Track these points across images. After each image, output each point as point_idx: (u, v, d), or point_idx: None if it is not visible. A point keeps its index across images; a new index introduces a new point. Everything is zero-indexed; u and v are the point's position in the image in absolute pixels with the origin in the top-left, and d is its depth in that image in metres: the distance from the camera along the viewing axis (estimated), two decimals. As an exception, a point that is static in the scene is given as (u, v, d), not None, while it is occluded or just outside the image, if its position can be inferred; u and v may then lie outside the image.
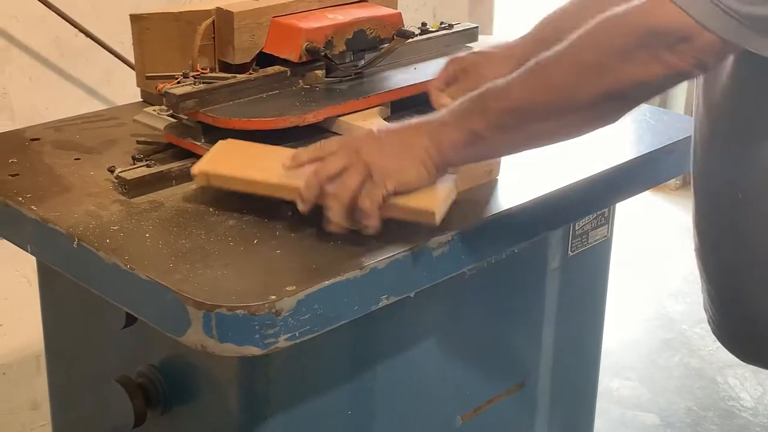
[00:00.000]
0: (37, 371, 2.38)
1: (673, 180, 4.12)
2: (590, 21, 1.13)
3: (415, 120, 1.25)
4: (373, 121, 1.47)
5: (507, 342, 1.62)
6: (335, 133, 1.47)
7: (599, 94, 1.13)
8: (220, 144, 1.36)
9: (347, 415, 1.39)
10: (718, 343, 1.54)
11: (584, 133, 1.21)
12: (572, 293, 1.70)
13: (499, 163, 1.41)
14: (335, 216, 1.20)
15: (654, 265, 3.64)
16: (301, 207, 1.22)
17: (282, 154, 1.29)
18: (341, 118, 1.47)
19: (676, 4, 1.07)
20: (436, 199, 1.23)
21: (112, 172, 1.39)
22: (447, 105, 1.27)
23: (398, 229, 1.27)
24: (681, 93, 4.17)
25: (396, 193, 1.20)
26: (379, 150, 1.21)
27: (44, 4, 2.14)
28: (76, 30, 2.21)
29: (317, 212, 1.32)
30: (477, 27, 1.82)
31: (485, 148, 1.23)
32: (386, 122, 1.47)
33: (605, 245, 1.74)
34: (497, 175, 1.42)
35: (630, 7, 1.11)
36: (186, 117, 1.43)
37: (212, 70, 1.51)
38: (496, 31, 3.35)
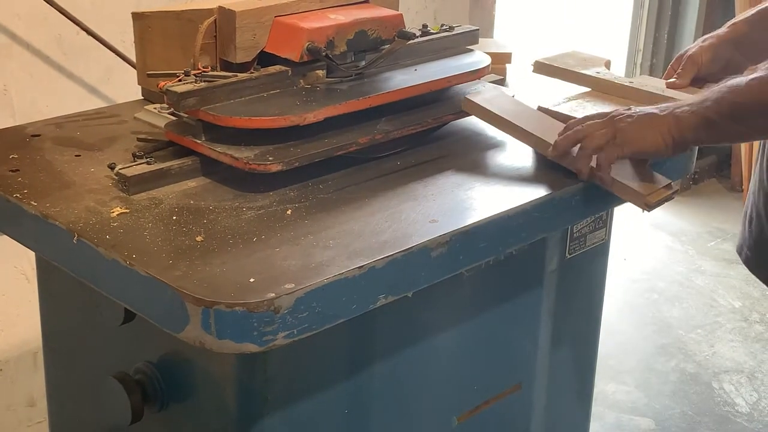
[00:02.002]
0: (34, 368, 2.38)
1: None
2: None
3: (667, 104, 1.48)
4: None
5: (504, 343, 1.62)
6: (340, 134, 1.47)
7: None
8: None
9: (344, 414, 1.40)
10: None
11: None
12: (569, 296, 1.70)
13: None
14: (580, 163, 1.44)
15: (650, 270, 3.64)
16: (551, 152, 1.47)
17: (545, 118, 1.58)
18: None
19: None
20: (652, 188, 1.45)
21: (112, 168, 1.40)
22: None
23: (400, 227, 1.27)
24: (680, 99, 4.18)
25: (632, 158, 1.46)
26: (629, 122, 1.45)
27: (46, 2, 2.15)
28: (78, 28, 2.21)
29: (316, 212, 1.32)
30: (478, 29, 1.82)
31: (716, 134, 1.45)
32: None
33: (603, 248, 1.75)
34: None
35: None
36: (187, 115, 1.43)
37: (213, 68, 1.52)
38: (496, 34, 3.36)
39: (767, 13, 1.68)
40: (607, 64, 1.87)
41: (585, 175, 1.44)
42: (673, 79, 1.72)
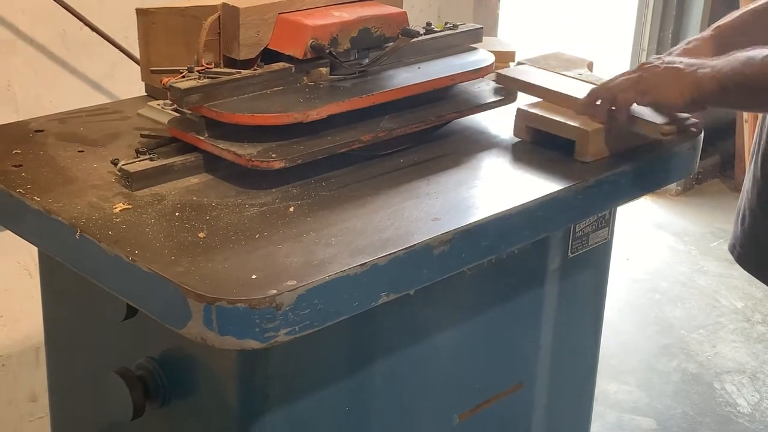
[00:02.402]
0: (36, 363, 2.38)
1: (674, 185, 4.13)
2: None
3: (696, 60, 1.52)
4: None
5: (506, 342, 1.62)
6: (340, 131, 1.48)
7: None
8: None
9: (345, 411, 1.40)
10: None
11: None
12: (572, 295, 1.70)
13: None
14: (602, 102, 1.52)
15: (652, 270, 3.64)
16: (583, 99, 1.55)
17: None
18: None
19: None
20: (661, 118, 1.54)
21: (115, 164, 1.40)
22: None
23: (402, 224, 1.28)
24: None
25: (651, 105, 1.53)
26: (655, 74, 1.51)
27: (50, -2, 2.15)
28: (82, 24, 2.21)
29: (319, 209, 1.32)
30: (482, 28, 1.82)
31: (729, 99, 1.51)
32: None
33: (605, 248, 1.74)
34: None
35: None
36: (190, 111, 1.43)
37: (217, 65, 1.52)
38: (500, 33, 3.35)
39: (750, 18, 1.70)
40: (590, 66, 1.89)
41: (603, 118, 1.52)
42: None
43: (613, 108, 1.52)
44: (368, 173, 1.45)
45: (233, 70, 1.49)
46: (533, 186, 1.44)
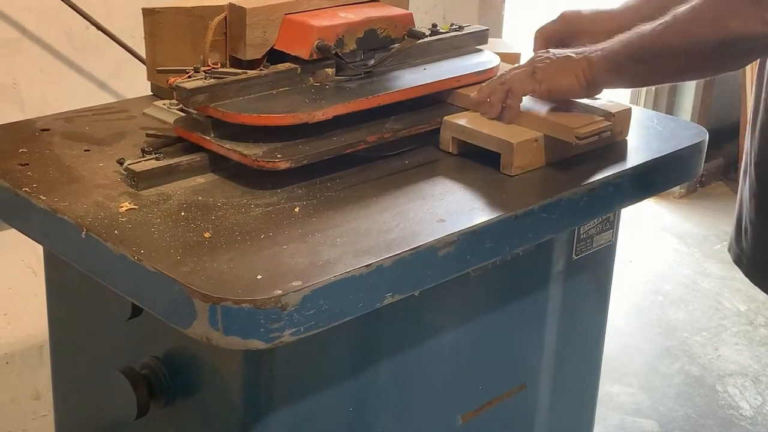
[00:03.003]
0: (39, 361, 2.39)
1: (677, 188, 4.13)
2: None
3: (586, 47, 1.52)
4: None
5: (509, 343, 1.62)
6: (351, 131, 1.48)
7: (710, 42, 1.37)
8: None
9: (349, 412, 1.40)
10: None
11: (706, 76, 1.62)
12: (576, 297, 1.70)
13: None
14: (494, 96, 1.51)
15: (656, 272, 3.64)
16: (475, 96, 1.55)
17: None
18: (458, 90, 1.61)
19: None
20: (578, 121, 1.48)
21: (121, 164, 1.40)
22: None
23: (407, 225, 1.28)
24: (688, 100, 4.17)
25: (549, 95, 1.51)
26: (548, 63, 1.51)
27: (57, -3, 2.15)
28: (88, 23, 2.21)
29: (324, 210, 1.33)
30: (487, 29, 1.82)
31: (625, 76, 1.51)
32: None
33: (609, 250, 1.75)
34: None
35: None
36: (196, 111, 1.43)
37: (223, 65, 1.52)
38: (505, 34, 3.36)
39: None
40: (517, 58, 1.96)
41: (495, 110, 1.51)
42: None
43: (508, 101, 1.51)
44: (373, 174, 1.45)
45: (239, 71, 1.49)
46: (538, 188, 1.44)
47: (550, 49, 1.56)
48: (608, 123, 1.52)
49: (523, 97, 1.53)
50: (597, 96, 1.60)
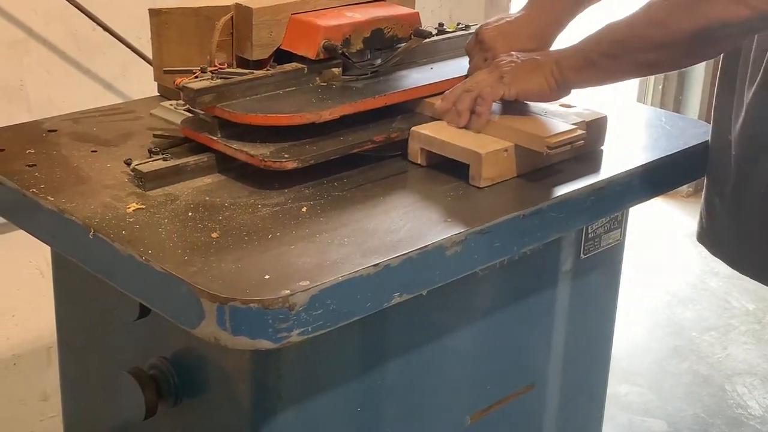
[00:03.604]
0: (47, 362, 2.39)
1: (685, 187, 4.11)
2: None
3: (547, 51, 1.51)
4: None
5: (517, 343, 1.62)
6: (353, 132, 1.48)
7: (688, 30, 1.31)
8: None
9: (357, 412, 1.40)
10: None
11: (682, 67, 1.46)
12: (584, 296, 1.70)
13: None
14: (462, 103, 1.45)
15: (664, 271, 3.63)
16: (440, 105, 1.48)
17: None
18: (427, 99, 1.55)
19: None
20: (548, 130, 1.42)
21: (128, 164, 1.40)
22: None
23: (415, 225, 1.27)
24: (695, 98, 4.16)
25: (518, 97, 1.45)
26: (514, 66, 1.46)
27: (63, -2, 2.16)
28: (94, 24, 2.22)
29: (331, 210, 1.32)
30: (494, 28, 1.81)
31: (598, 73, 1.44)
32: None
33: (617, 249, 1.74)
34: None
35: None
36: (203, 112, 1.44)
37: (230, 65, 1.52)
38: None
39: None
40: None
41: (464, 118, 1.45)
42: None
43: (477, 108, 1.45)
44: (380, 174, 1.45)
45: (246, 71, 1.49)
46: (545, 187, 1.43)
47: (513, 52, 1.51)
48: (581, 132, 1.45)
49: (494, 105, 1.47)
50: (573, 104, 1.55)
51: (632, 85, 4.15)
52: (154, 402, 1.38)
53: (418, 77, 1.61)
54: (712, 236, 1.61)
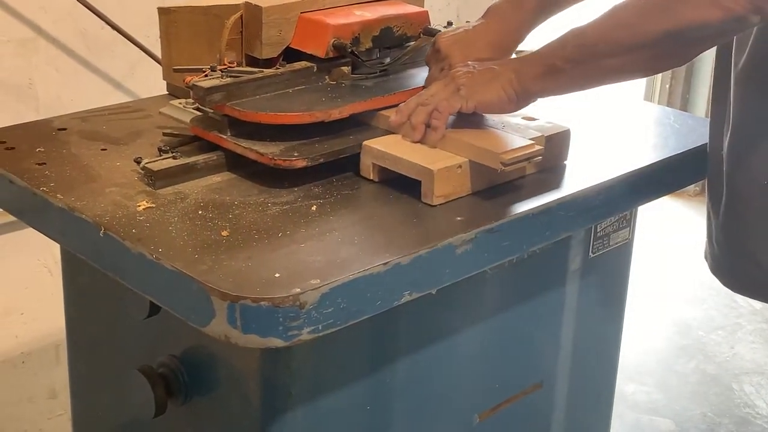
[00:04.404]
0: (56, 360, 2.40)
1: (692, 186, 4.11)
2: None
3: (506, 59, 1.43)
4: None
5: (526, 342, 1.62)
6: (368, 128, 1.48)
7: (660, 33, 1.25)
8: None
9: (366, 410, 1.40)
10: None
11: (651, 73, 1.39)
12: (592, 295, 1.70)
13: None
14: (417, 117, 1.38)
15: (671, 271, 3.63)
16: (394, 118, 1.41)
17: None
18: (382, 112, 1.49)
19: None
20: (504, 146, 1.35)
21: (138, 162, 1.40)
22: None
23: (425, 223, 1.27)
24: (703, 97, 4.16)
25: (476, 109, 1.38)
26: (471, 77, 1.39)
27: (72, -4, 2.16)
28: (103, 23, 2.22)
29: (341, 208, 1.33)
30: (502, 27, 1.81)
31: (561, 81, 1.36)
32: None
33: (626, 248, 1.74)
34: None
35: None
36: (212, 110, 1.44)
37: (239, 64, 1.52)
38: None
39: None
40: None
41: (419, 132, 1.38)
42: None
43: (433, 121, 1.38)
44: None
45: (255, 69, 1.49)
46: (554, 186, 1.43)
47: (470, 62, 1.43)
48: (539, 147, 1.38)
49: (451, 118, 1.41)
50: (536, 117, 1.49)
51: (639, 84, 4.14)
52: (163, 400, 1.38)
53: (426, 76, 1.61)
54: (711, 257, 1.55)
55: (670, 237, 3.89)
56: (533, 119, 1.50)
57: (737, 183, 1.43)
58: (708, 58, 3.89)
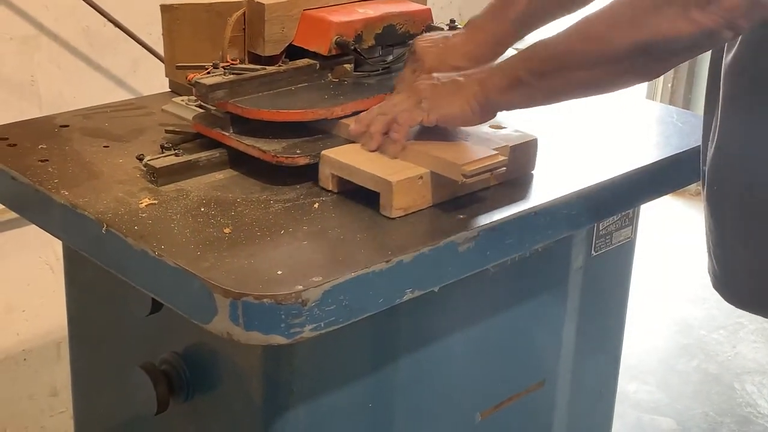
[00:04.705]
0: (57, 358, 2.40)
1: (694, 185, 4.10)
2: None
3: (471, 70, 1.37)
4: None
5: (528, 340, 1.62)
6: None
7: (629, 46, 1.20)
8: None
9: (368, 408, 1.40)
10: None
11: (620, 87, 1.29)
12: (594, 293, 1.70)
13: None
14: (375, 126, 1.34)
15: (673, 270, 3.62)
16: (354, 127, 1.37)
17: None
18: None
19: None
20: (466, 157, 1.31)
21: (140, 160, 1.40)
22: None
23: (427, 221, 1.27)
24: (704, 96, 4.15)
25: (439, 123, 1.34)
26: (434, 89, 1.36)
27: (74, -6, 2.16)
28: (105, 20, 2.22)
29: (343, 205, 1.32)
30: (505, 25, 1.81)
31: (527, 94, 1.31)
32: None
33: (629, 246, 1.74)
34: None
35: None
36: (215, 107, 1.43)
37: (242, 61, 1.52)
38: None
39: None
40: None
41: (376, 141, 1.33)
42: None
43: (393, 134, 1.34)
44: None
45: (258, 67, 1.49)
46: (556, 184, 1.43)
47: (435, 74, 1.39)
48: (502, 158, 1.34)
49: (414, 130, 1.37)
50: (503, 126, 1.45)
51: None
52: (165, 397, 1.38)
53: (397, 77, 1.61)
54: (713, 273, 1.49)
55: (672, 236, 3.89)
56: (501, 128, 1.45)
57: (716, 196, 1.38)
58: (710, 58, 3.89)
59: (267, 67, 1.50)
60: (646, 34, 1.18)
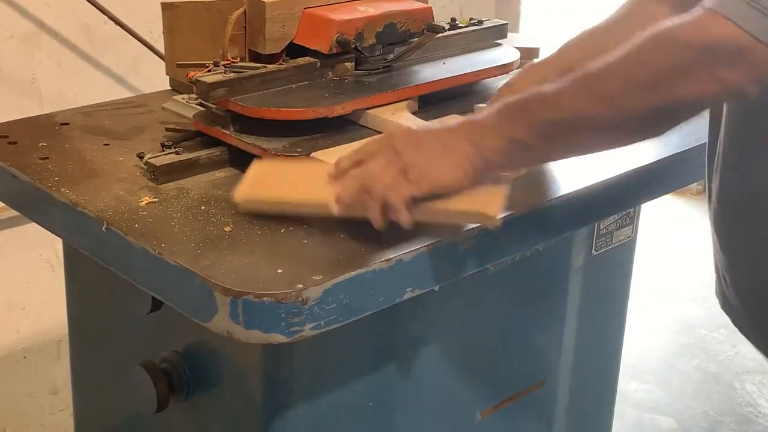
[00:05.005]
0: (57, 356, 2.40)
1: (695, 184, 4.10)
2: (639, 35, 1.10)
3: (455, 122, 1.23)
4: (401, 115, 1.47)
5: (528, 340, 1.62)
6: (364, 127, 1.47)
7: (647, 111, 1.11)
8: (257, 166, 1.31)
9: (368, 407, 1.40)
10: (737, 349, 1.52)
11: (630, 144, 1.19)
12: (595, 293, 1.70)
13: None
14: (371, 212, 1.18)
15: (673, 269, 3.62)
16: (337, 209, 1.20)
17: (321, 169, 1.25)
18: (369, 111, 1.48)
19: (729, 19, 1.03)
20: (490, 201, 1.21)
21: (141, 158, 1.40)
22: None
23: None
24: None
25: (432, 196, 1.18)
26: (418, 151, 1.19)
27: (75, -9, 2.16)
28: (106, 18, 2.22)
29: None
30: (506, 24, 1.81)
31: (529, 156, 1.21)
32: (424, 121, 1.47)
33: (629, 246, 1.74)
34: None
35: (683, 22, 1.07)
36: (215, 105, 1.43)
37: (242, 59, 1.52)
38: (522, 29, 3.35)
39: (588, 38, 1.47)
40: (536, 53, 1.82)
41: (381, 224, 1.19)
42: None
43: (391, 215, 1.19)
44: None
45: (259, 65, 1.49)
46: (557, 183, 1.43)
47: (410, 125, 1.29)
48: (508, 175, 1.27)
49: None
50: None
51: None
52: (165, 395, 1.38)
53: (430, 72, 1.61)
54: (721, 293, 1.45)
55: (672, 235, 3.89)
56: None
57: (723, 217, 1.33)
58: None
59: (267, 65, 1.49)
60: (667, 99, 1.09)
